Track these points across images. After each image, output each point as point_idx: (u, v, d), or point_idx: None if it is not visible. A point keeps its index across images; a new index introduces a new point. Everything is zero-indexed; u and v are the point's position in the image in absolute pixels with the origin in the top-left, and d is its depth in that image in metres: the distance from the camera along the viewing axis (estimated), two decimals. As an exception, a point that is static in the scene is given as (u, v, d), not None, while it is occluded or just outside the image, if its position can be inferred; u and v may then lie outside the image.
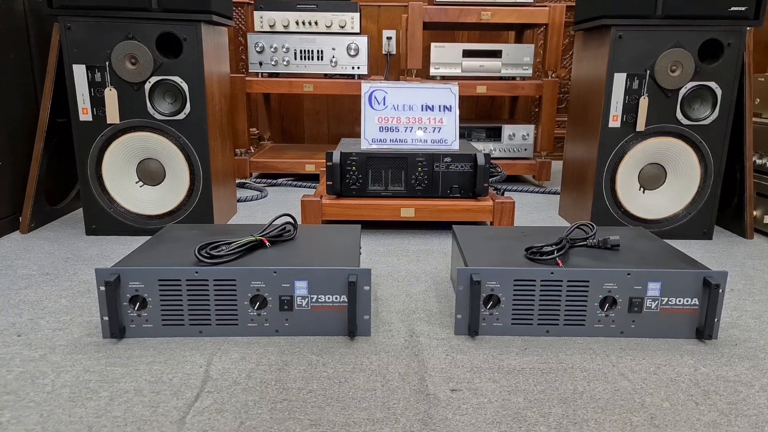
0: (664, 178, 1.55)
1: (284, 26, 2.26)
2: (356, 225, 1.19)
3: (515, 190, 2.22)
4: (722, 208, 1.65)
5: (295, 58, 2.24)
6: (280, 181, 2.31)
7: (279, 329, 0.94)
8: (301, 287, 0.92)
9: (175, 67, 1.43)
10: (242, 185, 2.22)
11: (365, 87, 1.59)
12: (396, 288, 1.19)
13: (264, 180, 2.33)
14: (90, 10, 1.38)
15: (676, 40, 1.43)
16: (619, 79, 1.47)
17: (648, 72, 1.46)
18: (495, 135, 2.36)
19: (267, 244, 1.04)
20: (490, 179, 1.87)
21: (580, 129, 1.66)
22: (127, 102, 1.44)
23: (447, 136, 1.59)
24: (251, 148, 2.52)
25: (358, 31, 2.26)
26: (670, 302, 0.94)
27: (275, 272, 0.91)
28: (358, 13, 2.25)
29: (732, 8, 1.41)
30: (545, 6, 2.23)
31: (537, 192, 2.21)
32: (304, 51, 2.23)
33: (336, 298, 0.93)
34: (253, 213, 1.83)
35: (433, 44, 2.28)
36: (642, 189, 1.56)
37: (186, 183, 1.51)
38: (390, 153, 1.54)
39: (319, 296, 0.93)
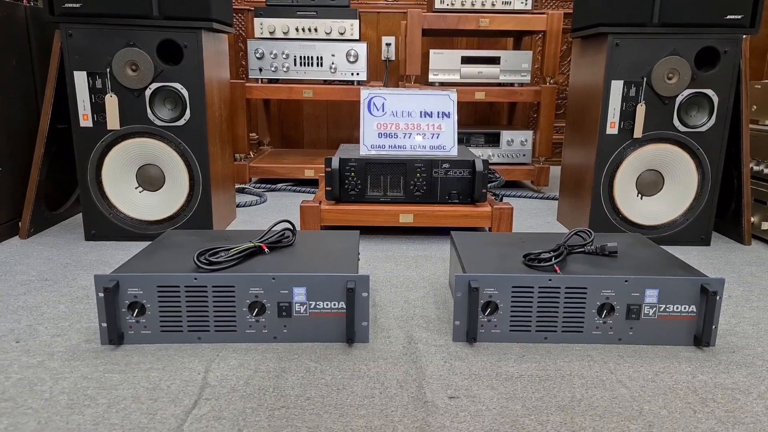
0: (661, 184, 1.56)
1: (284, 33, 2.27)
2: (355, 231, 1.20)
3: (513, 196, 2.22)
4: (720, 214, 1.65)
5: (295, 65, 2.25)
6: (279, 186, 2.31)
7: (277, 336, 0.94)
8: (299, 294, 0.93)
9: (176, 73, 1.43)
10: (241, 190, 2.22)
11: (364, 93, 1.59)
12: (394, 294, 1.19)
13: (263, 185, 2.33)
14: (91, 17, 1.39)
15: (672, 47, 1.44)
16: (617, 86, 1.47)
17: (645, 79, 1.46)
18: (493, 141, 2.37)
19: (266, 250, 1.04)
20: (489, 185, 1.88)
21: (578, 135, 1.67)
22: (127, 108, 1.44)
23: (445, 142, 1.60)
24: (251, 153, 2.52)
25: (358, 37, 2.27)
26: (667, 309, 0.94)
27: (274, 279, 0.92)
28: (358, 20, 2.26)
29: (728, 16, 1.42)
30: (543, 13, 2.24)
31: (535, 197, 2.22)
32: (304, 57, 2.24)
33: (334, 305, 0.93)
34: (253, 218, 1.83)
35: (431, 51, 2.29)
36: (640, 195, 1.57)
37: (185, 188, 1.51)
38: (389, 159, 1.54)
39: (318, 303, 0.93)
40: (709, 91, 1.47)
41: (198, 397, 0.79)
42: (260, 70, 2.26)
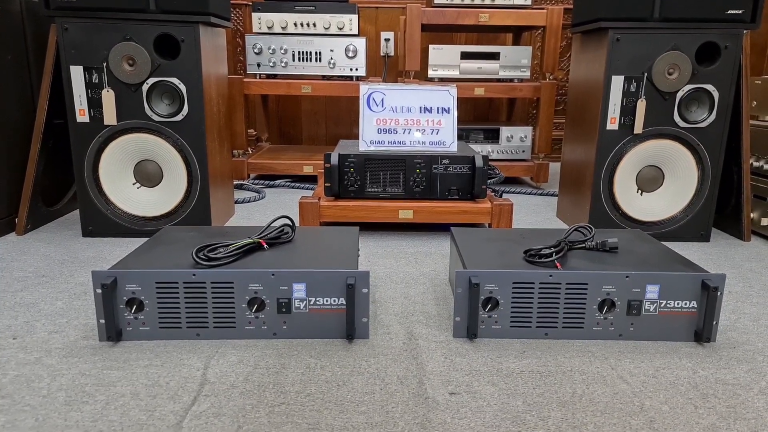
0: (661, 180, 1.56)
1: (282, 28, 2.25)
2: (354, 227, 1.19)
3: (513, 192, 2.22)
4: (720, 210, 1.65)
5: (293, 60, 2.24)
6: (277, 182, 2.31)
7: (277, 332, 0.94)
8: (299, 290, 0.92)
9: (173, 68, 1.42)
10: (240, 187, 2.21)
11: (363, 89, 1.59)
12: (394, 290, 1.18)
13: (262, 181, 2.32)
14: (87, 11, 1.37)
15: (673, 43, 1.44)
16: (617, 82, 1.47)
17: (645, 75, 1.46)
18: (493, 137, 2.36)
19: (265, 246, 1.04)
20: (488, 181, 1.87)
21: (578, 131, 1.66)
22: (124, 103, 1.43)
23: (445, 138, 1.59)
24: (249, 149, 2.51)
25: (356, 32, 2.26)
26: (668, 305, 0.94)
27: (273, 275, 0.91)
28: (356, 15, 2.25)
29: (729, 11, 1.41)
30: (543, 8, 2.23)
31: (535, 194, 2.22)
32: (302, 52, 2.23)
33: (334, 301, 0.93)
34: (251, 214, 1.82)
35: (431, 46, 2.28)
36: (640, 191, 1.56)
37: (183, 184, 1.50)
38: (388, 155, 1.54)
39: (317, 299, 0.93)
40: (710, 87, 1.46)
41: (197, 393, 0.79)
42: (258, 65, 2.24)
